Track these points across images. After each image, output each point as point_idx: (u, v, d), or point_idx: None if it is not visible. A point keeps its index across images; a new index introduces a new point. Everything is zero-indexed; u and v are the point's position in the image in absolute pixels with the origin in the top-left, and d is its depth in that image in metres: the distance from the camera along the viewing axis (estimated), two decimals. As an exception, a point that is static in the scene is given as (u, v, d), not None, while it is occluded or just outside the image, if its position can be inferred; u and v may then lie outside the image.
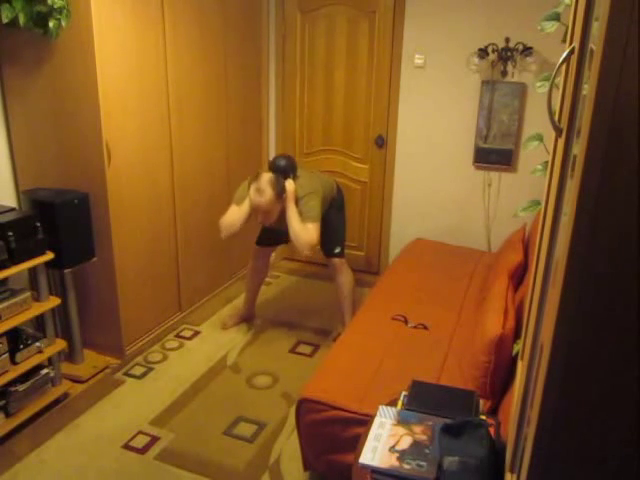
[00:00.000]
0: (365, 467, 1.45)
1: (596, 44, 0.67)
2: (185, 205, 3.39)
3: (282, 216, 2.89)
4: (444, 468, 1.38)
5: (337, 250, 3.22)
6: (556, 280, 0.80)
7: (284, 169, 2.92)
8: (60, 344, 2.71)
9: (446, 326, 2.62)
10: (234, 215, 2.91)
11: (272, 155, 4.28)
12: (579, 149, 0.72)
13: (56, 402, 2.68)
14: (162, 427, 2.55)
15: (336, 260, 3.24)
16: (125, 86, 2.77)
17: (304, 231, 2.80)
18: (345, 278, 3.27)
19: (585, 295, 0.73)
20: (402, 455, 1.46)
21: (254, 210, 2.85)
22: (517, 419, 1.14)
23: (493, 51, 3.44)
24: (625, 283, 0.70)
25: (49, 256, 2.55)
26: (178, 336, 3.34)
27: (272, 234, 3.28)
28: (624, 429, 0.76)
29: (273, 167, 2.94)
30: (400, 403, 1.71)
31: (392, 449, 1.48)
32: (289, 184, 2.86)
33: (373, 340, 2.48)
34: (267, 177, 2.79)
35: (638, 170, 0.65)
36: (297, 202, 2.87)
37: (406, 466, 1.42)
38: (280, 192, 2.80)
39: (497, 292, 2.28)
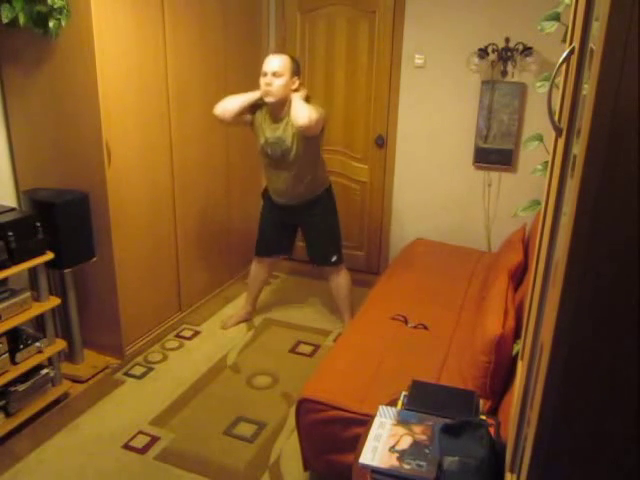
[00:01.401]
0: (365, 467, 1.45)
1: (596, 44, 0.67)
2: (185, 205, 3.39)
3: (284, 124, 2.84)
4: (444, 468, 1.38)
5: (334, 258, 3.17)
6: (556, 280, 0.80)
7: (299, 70, 2.92)
8: (60, 344, 2.71)
9: (446, 326, 2.62)
10: (231, 98, 2.88)
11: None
12: (579, 149, 0.72)
13: (56, 402, 2.68)
14: (162, 427, 2.55)
15: (333, 269, 3.21)
16: (125, 86, 2.77)
17: (307, 108, 2.74)
18: (342, 278, 3.25)
19: (585, 295, 0.73)
20: (402, 455, 1.46)
21: (265, 72, 2.79)
22: (517, 419, 1.14)
23: (493, 51, 3.44)
24: (625, 283, 0.70)
25: (49, 256, 2.55)
26: (178, 336, 3.34)
27: (271, 235, 3.26)
28: (624, 429, 0.77)
29: None
30: (400, 403, 1.71)
31: (392, 449, 1.48)
32: (302, 89, 2.85)
33: (373, 340, 2.48)
34: (285, 56, 2.83)
35: (638, 170, 0.65)
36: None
37: (406, 466, 1.42)
38: (295, 68, 2.82)
39: (497, 292, 2.28)
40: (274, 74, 2.78)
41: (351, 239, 4.12)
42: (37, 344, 2.55)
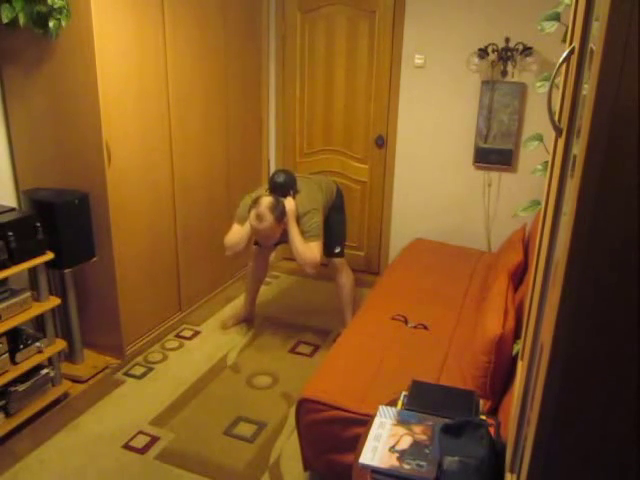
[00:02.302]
0: (365, 467, 1.45)
1: (596, 44, 0.67)
2: (185, 205, 3.39)
3: (284, 234, 2.90)
4: (444, 468, 1.38)
5: (337, 250, 3.22)
6: (556, 280, 0.80)
7: (283, 186, 2.91)
8: (60, 344, 2.71)
9: (446, 326, 2.62)
10: (237, 235, 2.93)
11: (272, 155, 4.29)
12: (579, 149, 0.72)
13: (56, 402, 2.68)
14: (162, 427, 2.55)
15: (336, 260, 3.24)
16: (125, 86, 2.77)
17: (308, 250, 2.81)
18: (345, 278, 3.28)
19: (585, 295, 0.73)
20: (402, 455, 1.46)
21: (255, 234, 2.87)
22: (517, 419, 1.14)
23: (493, 51, 3.44)
24: (625, 283, 0.70)
25: (49, 256, 2.55)
26: (178, 336, 3.34)
27: None
28: (624, 429, 0.76)
29: (272, 185, 2.94)
30: (400, 403, 1.71)
31: (392, 449, 1.48)
32: (289, 203, 2.86)
33: (373, 340, 2.48)
34: (266, 202, 2.77)
35: (638, 170, 0.65)
36: (298, 220, 2.88)
37: (406, 466, 1.42)
38: (280, 216, 2.80)
39: (497, 292, 2.28)
40: (264, 237, 2.87)
41: (351, 239, 4.12)
42: (37, 344, 2.55)
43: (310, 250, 2.82)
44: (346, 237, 3.34)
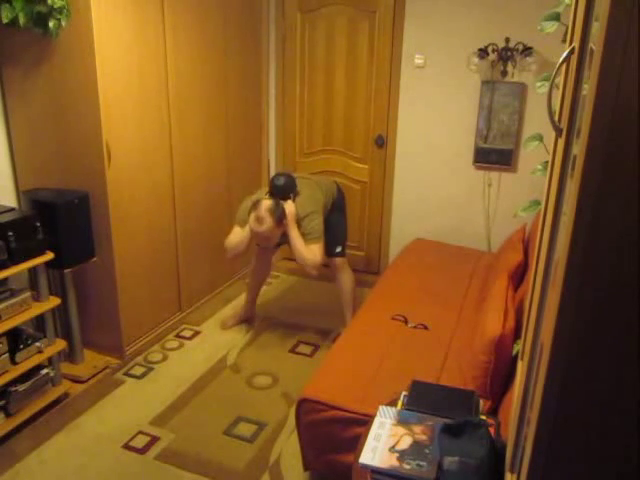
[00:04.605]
0: (365, 467, 1.45)
1: (596, 44, 0.67)
2: (185, 205, 3.39)
3: (284, 236, 2.91)
4: (444, 468, 1.39)
5: (338, 249, 3.22)
6: (556, 280, 0.80)
7: (283, 189, 2.91)
8: (60, 344, 2.71)
9: (446, 326, 2.62)
10: (238, 237, 2.93)
11: (272, 155, 4.28)
12: (579, 149, 0.72)
13: (56, 402, 2.68)
14: (162, 427, 2.55)
15: (337, 260, 3.24)
16: (125, 86, 2.77)
17: (309, 253, 2.82)
18: (346, 278, 3.28)
19: (585, 295, 0.73)
20: (402, 455, 1.46)
21: (254, 237, 2.87)
22: (517, 419, 1.14)
23: (493, 51, 3.44)
24: (625, 283, 0.70)
25: (49, 256, 2.55)
26: (178, 336, 3.34)
27: None
28: (624, 429, 0.76)
29: (272, 188, 2.94)
30: (400, 403, 1.71)
31: (392, 449, 1.48)
32: (289, 206, 2.86)
33: (373, 340, 2.48)
34: (266, 205, 2.78)
35: (638, 170, 0.65)
36: (299, 222, 2.88)
37: (406, 466, 1.42)
38: (280, 218, 2.80)
39: (497, 292, 2.28)
40: (264, 237, 2.85)
41: (351, 239, 4.12)
42: (37, 344, 2.55)
43: (311, 252, 2.82)
44: (347, 237, 3.34)
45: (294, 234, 2.85)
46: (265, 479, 2.27)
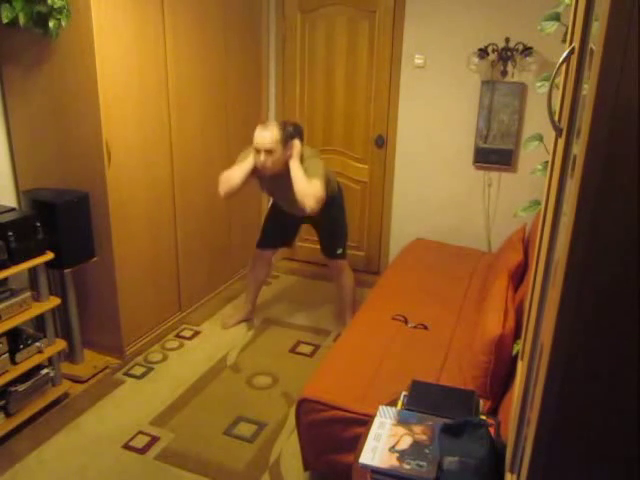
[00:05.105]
0: (365, 467, 1.45)
1: (596, 44, 0.67)
2: (185, 205, 3.39)
3: (284, 179, 2.79)
4: (444, 468, 1.39)
5: (339, 251, 3.21)
6: (556, 280, 0.80)
7: (293, 129, 2.85)
8: (60, 344, 2.71)
9: (446, 326, 2.62)
10: (233, 169, 2.84)
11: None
12: (579, 149, 0.72)
13: (56, 402, 2.68)
14: (162, 427, 2.55)
15: (338, 262, 3.23)
16: (125, 86, 2.77)
17: (310, 185, 2.71)
18: (346, 279, 3.27)
19: (585, 295, 0.73)
20: (402, 455, 1.46)
21: (256, 148, 2.74)
22: (517, 419, 1.14)
23: (493, 51, 3.44)
24: (625, 283, 0.70)
25: (49, 256, 2.55)
26: (178, 336, 3.34)
27: (276, 229, 3.27)
28: (624, 429, 0.76)
29: (281, 126, 2.87)
30: (400, 403, 1.71)
31: (392, 449, 1.48)
32: (296, 143, 2.80)
33: (373, 340, 2.48)
34: (275, 122, 2.81)
35: (638, 170, 0.65)
36: (301, 162, 2.81)
37: (406, 466, 1.42)
38: (286, 137, 2.75)
39: (497, 292, 2.28)
40: (267, 152, 2.74)
41: (351, 239, 4.11)
42: (37, 344, 2.55)
43: (313, 184, 2.72)
44: (348, 237, 3.32)
45: (296, 166, 2.76)
46: (265, 479, 2.27)
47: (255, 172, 2.86)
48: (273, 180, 2.92)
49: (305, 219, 3.19)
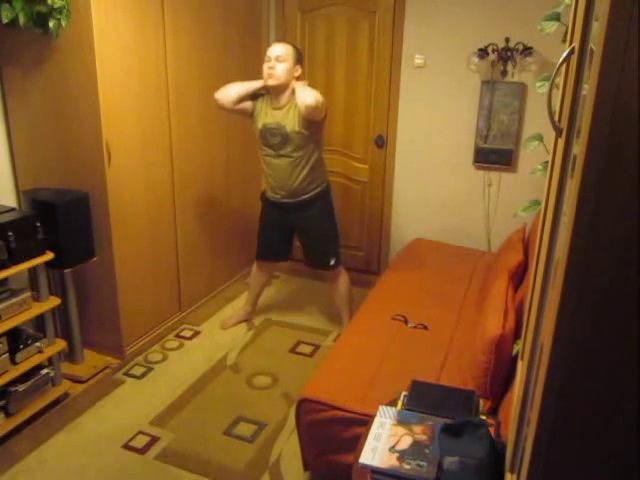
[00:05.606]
0: (365, 467, 1.45)
1: (596, 44, 0.67)
2: (185, 205, 3.39)
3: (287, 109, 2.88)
4: (444, 468, 1.39)
5: (332, 262, 3.15)
6: (556, 280, 0.80)
7: (301, 60, 2.98)
8: (60, 344, 2.71)
9: (446, 326, 2.61)
10: (239, 83, 2.95)
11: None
12: (579, 149, 0.72)
13: (56, 402, 2.68)
14: (162, 427, 2.55)
15: (332, 272, 3.21)
16: (125, 86, 2.77)
17: (313, 91, 2.82)
18: (342, 282, 3.25)
19: (585, 295, 0.73)
20: (402, 455, 1.46)
21: (268, 56, 2.87)
22: (517, 419, 1.14)
23: (493, 51, 3.44)
24: (625, 283, 0.70)
25: (49, 256, 2.55)
26: (178, 336, 3.34)
27: (270, 240, 3.25)
28: (624, 429, 0.76)
29: None
30: (400, 403, 1.71)
31: (392, 449, 1.48)
32: (304, 80, 2.91)
33: (373, 340, 2.48)
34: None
35: (638, 170, 0.65)
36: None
37: (406, 466, 1.42)
38: (298, 57, 2.89)
39: (497, 292, 2.28)
40: (277, 59, 2.84)
41: (351, 239, 4.12)
42: (37, 344, 2.55)
43: (315, 92, 2.82)
44: (340, 244, 3.26)
45: (301, 84, 2.89)
46: (265, 479, 2.28)
47: (257, 95, 2.95)
48: (271, 116, 2.93)
49: (294, 219, 3.12)
